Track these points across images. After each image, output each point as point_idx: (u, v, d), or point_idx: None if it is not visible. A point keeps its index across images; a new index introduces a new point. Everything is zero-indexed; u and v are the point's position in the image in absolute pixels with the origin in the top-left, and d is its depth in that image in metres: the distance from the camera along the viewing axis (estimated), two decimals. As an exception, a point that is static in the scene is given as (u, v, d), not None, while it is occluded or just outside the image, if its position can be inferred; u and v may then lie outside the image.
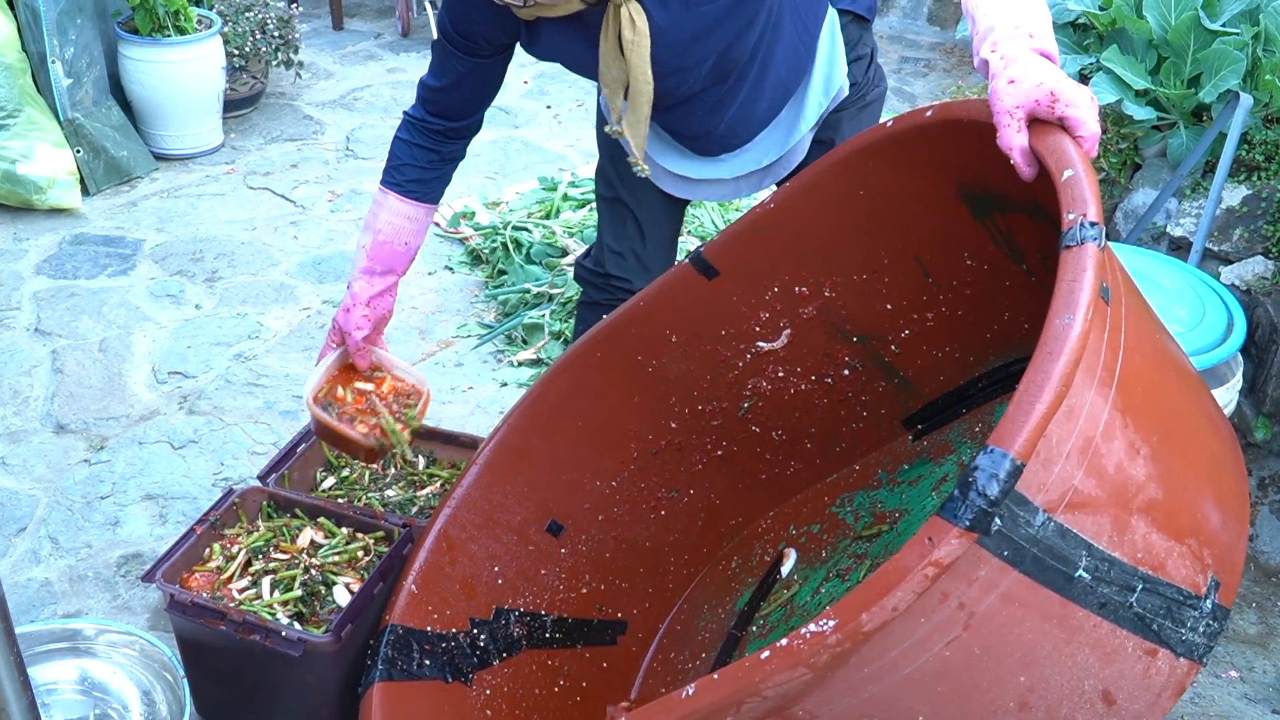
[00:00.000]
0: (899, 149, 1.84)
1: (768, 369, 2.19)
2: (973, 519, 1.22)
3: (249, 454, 3.05)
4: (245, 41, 4.68)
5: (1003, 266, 1.94)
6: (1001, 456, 1.22)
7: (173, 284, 3.80)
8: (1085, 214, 1.34)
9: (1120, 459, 1.37)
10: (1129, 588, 1.37)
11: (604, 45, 1.94)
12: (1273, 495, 2.90)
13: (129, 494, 2.92)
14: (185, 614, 2.11)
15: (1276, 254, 3.02)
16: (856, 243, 2.02)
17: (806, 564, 2.18)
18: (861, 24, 2.24)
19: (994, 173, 1.61)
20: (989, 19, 1.55)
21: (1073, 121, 1.43)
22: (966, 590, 1.29)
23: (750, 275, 2.10)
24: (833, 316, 2.11)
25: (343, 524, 2.30)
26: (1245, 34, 3.34)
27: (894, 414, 2.21)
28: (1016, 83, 1.46)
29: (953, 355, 2.12)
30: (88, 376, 3.34)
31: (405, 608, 2.03)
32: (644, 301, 2.16)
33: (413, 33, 5.90)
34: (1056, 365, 1.24)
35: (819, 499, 2.29)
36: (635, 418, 2.25)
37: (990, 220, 1.86)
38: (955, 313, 2.06)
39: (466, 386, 3.36)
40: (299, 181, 4.49)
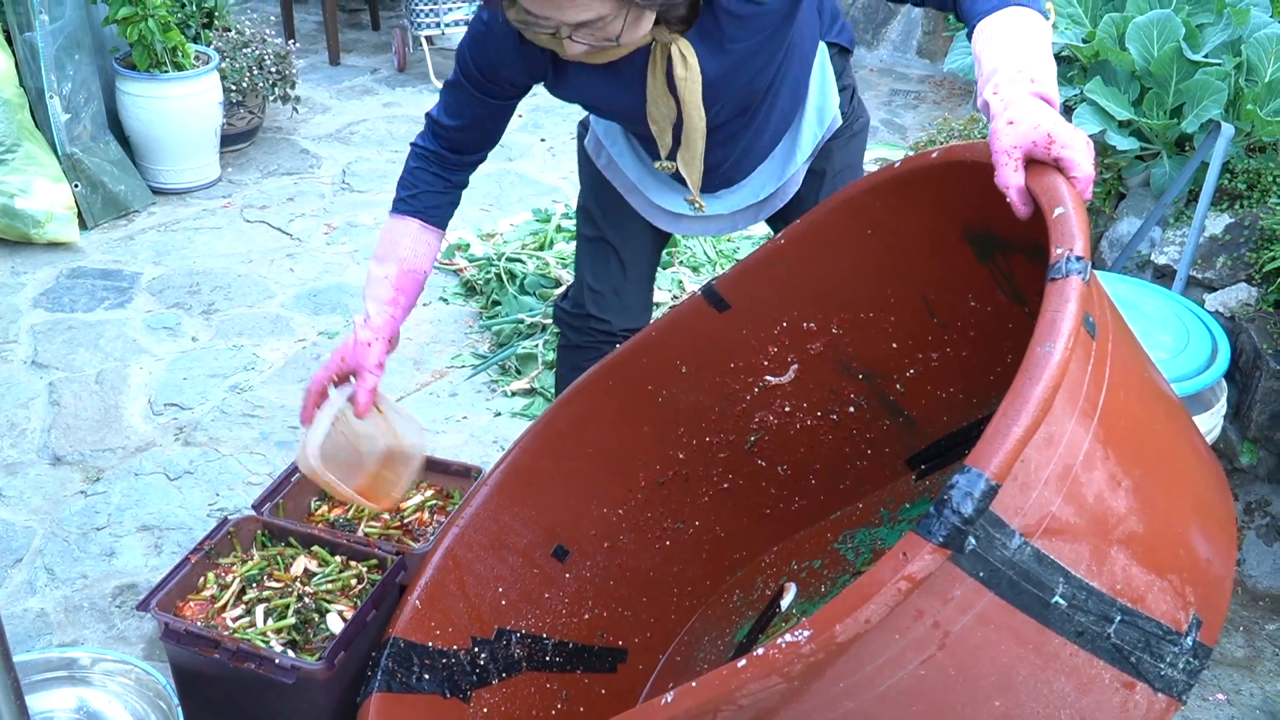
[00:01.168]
0: (906, 189, 1.88)
1: (775, 403, 2.22)
2: (946, 536, 1.24)
3: (244, 484, 3.07)
4: (242, 77, 4.73)
5: (1006, 309, 1.98)
6: (977, 476, 1.24)
7: (169, 316, 3.84)
8: (1072, 248, 1.36)
9: (1101, 489, 1.38)
10: (1107, 618, 1.38)
11: (652, 84, 1.94)
12: (1259, 520, 2.92)
13: (125, 525, 2.94)
14: (179, 643, 2.13)
15: (1259, 281, 3.05)
16: (864, 281, 2.06)
17: (806, 599, 2.20)
18: (844, 56, 2.29)
19: (996, 214, 1.64)
20: (993, 62, 1.60)
21: (1068, 163, 1.46)
22: (942, 609, 1.31)
23: (760, 310, 2.13)
24: (839, 353, 2.15)
25: (336, 552, 2.32)
26: (1227, 64, 3.39)
27: (898, 453, 2.24)
28: (1015, 124, 1.49)
29: (956, 396, 2.15)
30: (84, 408, 3.37)
31: (408, 622, 2.05)
32: (656, 332, 2.19)
33: (408, 68, 5.96)
34: (1035, 390, 1.26)
35: (822, 535, 2.31)
36: (644, 447, 2.27)
37: (994, 262, 1.91)
38: (960, 354, 2.10)
39: (461, 416, 3.39)
40: (295, 215, 4.53)
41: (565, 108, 5.52)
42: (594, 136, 2.32)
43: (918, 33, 6.25)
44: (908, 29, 6.29)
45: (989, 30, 1.65)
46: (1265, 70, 3.35)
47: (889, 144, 5.02)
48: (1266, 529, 2.90)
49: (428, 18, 5.63)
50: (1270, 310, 2.96)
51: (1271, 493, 2.92)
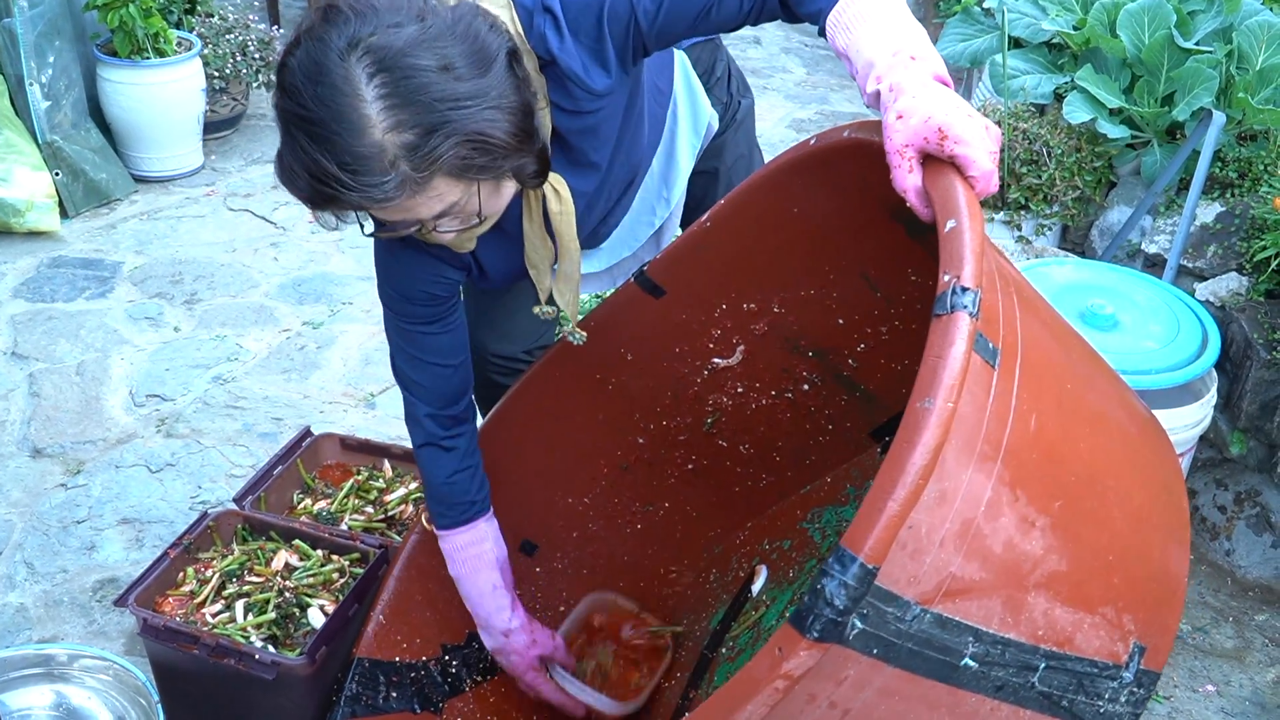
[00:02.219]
0: (824, 168, 1.76)
1: (726, 385, 2.18)
2: (821, 629, 1.15)
3: (227, 477, 3.04)
4: (226, 63, 4.68)
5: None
6: (851, 560, 1.14)
7: (151, 306, 3.80)
8: (959, 276, 1.22)
9: (1010, 536, 1.28)
10: (1029, 668, 1.31)
11: (529, 228, 1.81)
12: (1248, 510, 2.91)
13: (105, 518, 2.91)
14: (159, 638, 2.11)
15: (1250, 270, 3.03)
16: (798, 259, 1.96)
17: (776, 584, 2.18)
18: (710, 44, 2.16)
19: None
20: (866, 53, 1.44)
21: (963, 160, 1.31)
22: (836, 690, 1.23)
23: (696, 293, 2.06)
24: (785, 332, 2.08)
25: (318, 546, 2.30)
26: (1218, 52, 3.36)
27: (860, 426, 2.19)
28: (905, 118, 1.34)
29: (912, 368, 2.02)
30: (65, 400, 3.33)
31: (372, 640, 2.02)
32: (595, 321, 2.13)
33: (394, 54, 5.91)
34: (913, 457, 1.15)
35: (792, 511, 2.28)
36: (602, 435, 2.24)
37: (925, 238, 1.74)
38: (909, 326, 2.00)
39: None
40: (280, 203, 4.49)
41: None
42: None
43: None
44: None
45: (842, 22, 1.49)
46: (1256, 58, 3.33)
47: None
48: (1255, 519, 2.88)
49: (413, 4, 5.57)
50: (1261, 300, 2.94)
51: (1261, 483, 2.90)
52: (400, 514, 2.44)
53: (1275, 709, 2.49)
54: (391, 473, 2.55)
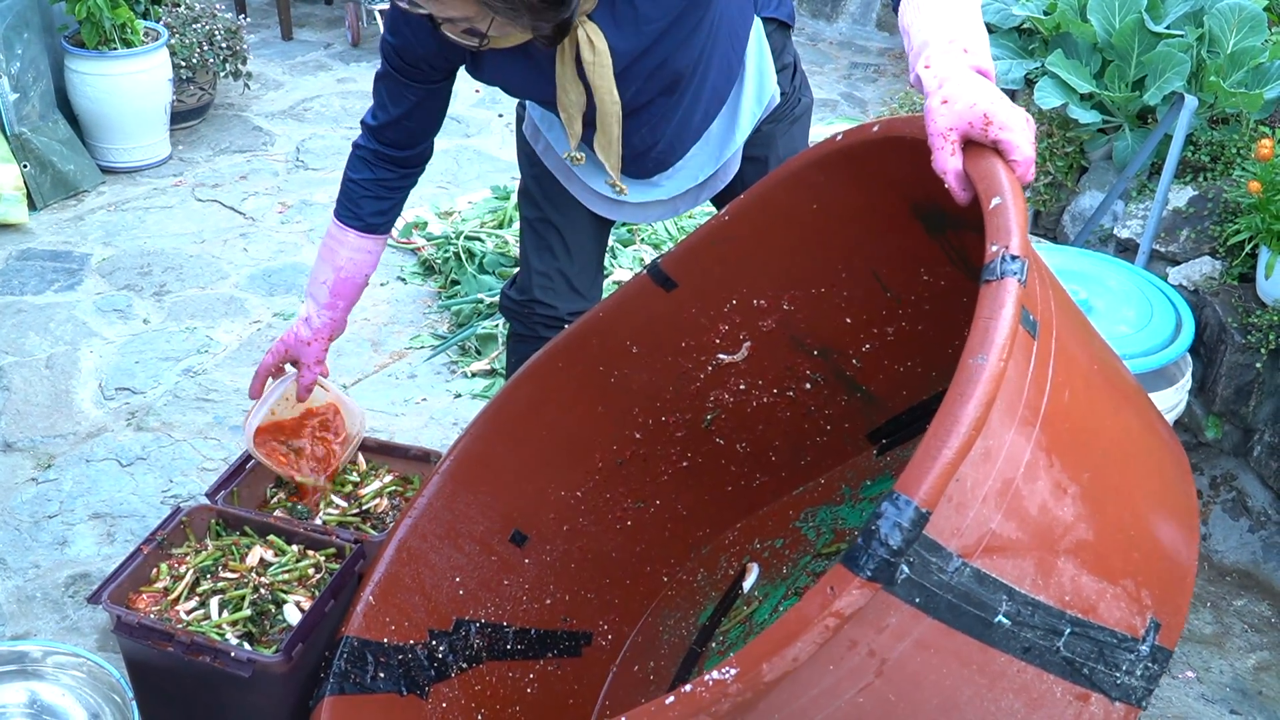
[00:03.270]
0: (849, 163, 1.80)
1: (729, 381, 2.18)
2: (875, 569, 1.19)
3: (199, 470, 3.01)
4: (192, 53, 4.64)
5: (960, 283, 1.91)
6: (906, 504, 1.18)
7: (120, 298, 3.76)
8: (1008, 246, 1.29)
9: (1044, 500, 1.33)
10: (1055, 631, 1.34)
11: (561, 70, 1.89)
12: (1224, 494, 2.92)
13: (77, 513, 2.88)
14: (132, 635, 2.08)
15: (1223, 254, 3.05)
16: (813, 256, 1.99)
17: (768, 580, 2.17)
18: (784, 31, 2.23)
19: (942, 191, 1.56)
20: (923, 34, 1.51)
21: (1006, 145, 1.38)
22: (876, 638, 1.26)
23: (708, 288, 2.07)
24: (792, 329, 2.09)
25: (293, 541, 2.27)
26: (1189, 36, 3.37)
27: (858, 428, 2.19)
28: (950, 103, 1.41)
29: (915, 370, 2.10)
30: (34, 394, 3.29)
31: (362, 619, 2.01)
32: (603, 312, 2.14)
33: (363, 42, 5.87)
34: (966, 409, 1.20)
35: (784, 512, 2.28)
36: (599, 428, 2.23)
37: (944, 237, 1.83)
38: (916, 327, 2.04)
39: (420, 398, 3.34)
40: (248, 193, 4.45)
41: (523, 83, 5.45)
42: (531, 122, 2.26)
43: (876, 4, 6.22)
44: (867, 1, 6.26)
45: (914, 2, 1.56)
46: (1227, 41, 3.33)
47: (849, 118, 4.99)
48: (1232, 504, 2.90)
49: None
50: (1234, 284, 2.95)
51: (1237, 467, 2.92)
52: (375, 508, 2.42)
53: (1255, 694, 2.50)
54: (366, 466, 2.53)
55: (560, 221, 2.31)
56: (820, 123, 4.67)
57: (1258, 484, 2.86)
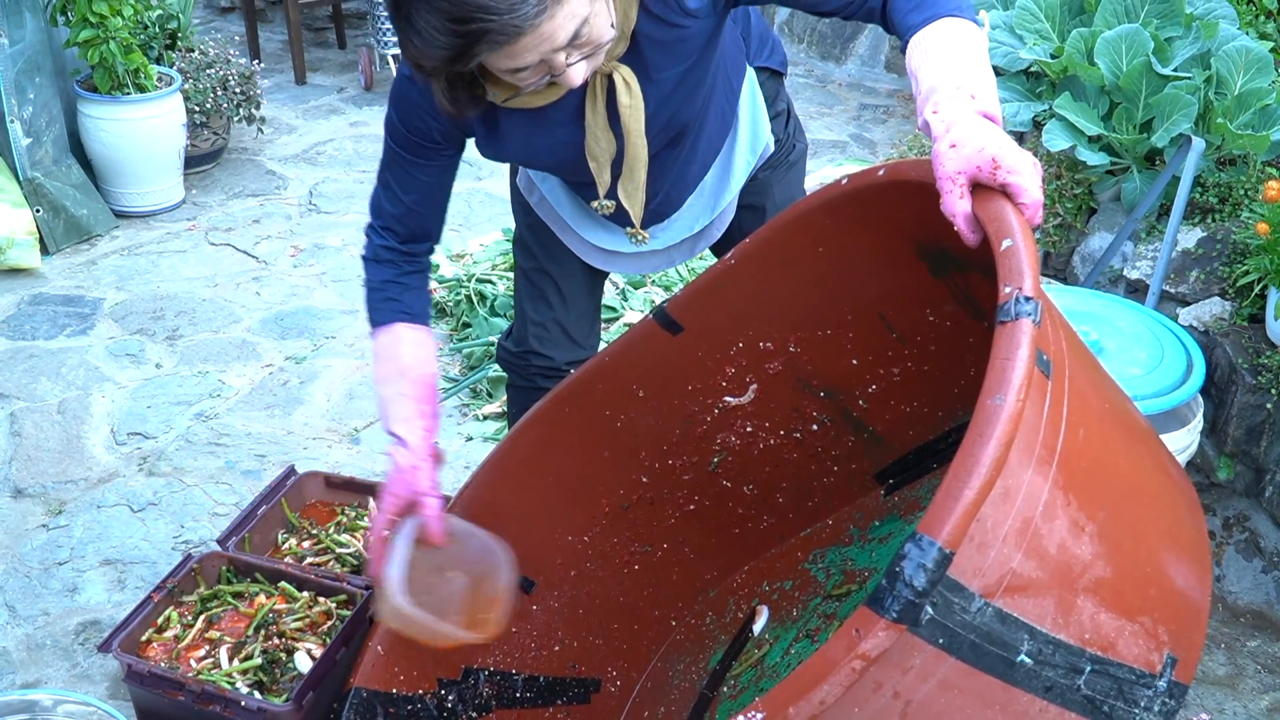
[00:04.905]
0: (855, 206, 1.82)
1: (736, 424, 2.18)
2: (900, 610, 1.19)
3: (210, 515, 3.02)
4: (206, 98, 4.68)
5: (965, 323, 1.93)
6: (929, 545, 1.19)
7: (132, 343, 3.77)
8: (1021, 287, 1.30)
9: (1063, 538, 1.33)
10: (1076, 670, 1.34)
11: (592, 117, 1.87)
12: (1237, 535, 2.91)
13: (87, 559, 2.88)
14: (143, 684, 2.08)
15: (1233, 295, 3.04)
16: (818, 299, 2.00)
17: (778, 623, 2.16)
18: (777, 79, 2.23)
19: (948, 232, 1.57)
20: (930, 79, 1.53)
21: (1015, 189, 1.39)
22: (901, 679, 1.26)
23: (714, 331, 2.08)
24: (799, 372, 2.10)
25: (304, 588, 2.28)
26: (1197, 78, 3.38)
27: (865, 469, 2.19)
28: (958, 147, 1.42)
29: (921, 410, 2.11)
30: (46, 439, 3.31)
31: (370, 670, 2.00)
32: (609, 357, 2.14)
33: (375, 86, 5.91)
34: (986, 450, 1.21)
35: (792, 554, 2.27)
36: (605, 473, 2.23)
37: (949, 278, 1.85)
38: (922, 368, 2.05)
39: (431, 441, 3.34)
40: (261, 237, 4.48)
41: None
42: (525, 174, 2.25)
43: (885, 47, 6.25)
44: (875, 43, 6.29)
45: (923, 45, 1.58)
46: (1235, 83, 3.35)
47: (858, 159, 5.01)
48: (1245, 544, 2.88)
49: (394, 36, 5.57)
50: (1245, 324, 2.95)
51: (1249, 508, 2.90)
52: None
53: (1268, 737, 2.48)
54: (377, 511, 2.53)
55: (555, 271, 2.30)
56: (830, 164, 4.69)
57: (1270, 525, 2.84)
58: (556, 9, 1.53)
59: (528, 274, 2.34)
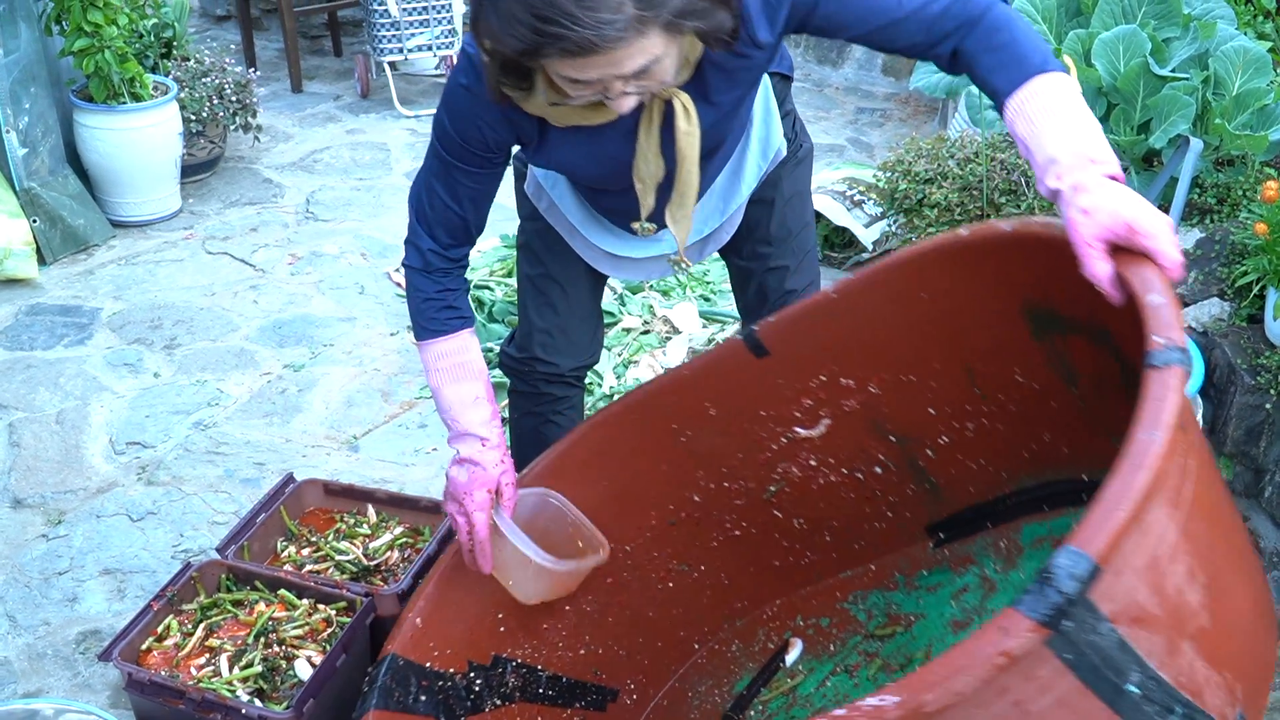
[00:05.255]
0: (970, 257, 1.87)
1: (800, 456, 2.17)
2: (1048, 614, 1.23)
3: (209, 524, 3.01)
4: (202, 106, 4.67)
5: (1053, 388, 1.96)
6: (1080, 556, 1.24)
7: (130, 352, 3.77)
8: (1172, 338, 1.38)
9: (1180, 582, 1.37)
10: (1169, 709, 1.37)
11: (644, 141, 1.86)
12: (1238, 536, 2.90)
13: (87, 569, 2.88)
14: (144, 693, 2.08)
15: (1232, 295, 3.04)
16: (910, 344, 2.03)
17: (813, 655, 2.17)
18: (785, 83, 2.24)
19: (1063, 294, 1.68)
20: (1048, 149, 1.58)
21: (1155, 251, 1.46)
22: (1024, 687, 1.28)
23: (800, 361, 2.09)
24: (874, 413, 2.10)
25: (304, 595, 2.27)
26: (1194, 79, 3.39)
27: (919, 518, 2.20)
28: (1091, 214, 1.49)
29: (986, 469, 2.12)
30: (44, 449, 3.30)
31: (408, 640, 1.98)
32: (689, 371, 2.15)
33: (372, 94, 5.91)
34: (1139, 477, 1.26)
35: (830, 593, 2.27)
36: (659, 486, 2.23)
37: (1050, 340, 1.88)
38: (996, 426, 2.07)
39: (431, 448, 3.34)
40: (259, 245, 4.47)
41: (531, 132, 5.48)
42: (533, 180, 2.23)
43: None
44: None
45: (1027, 112, 1.63)
46: (1233, 83, 3.35)
47: (856, 163, 5.01)
48: (1246, 545, 2.88)
49: (390, 43, 5.59)
50: (1243, 325, 2.95)
51: (1248, 508, 2.90)
52: (386, 561, 2.42)
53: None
54: (376, 518, 2.53)
55: (561, 277, 2.30)
56: (828, 167, 4.69)
57: (1270, 525, 2.84)
58: (635, 40, 1.52)
59: (533, 280, 2.33)
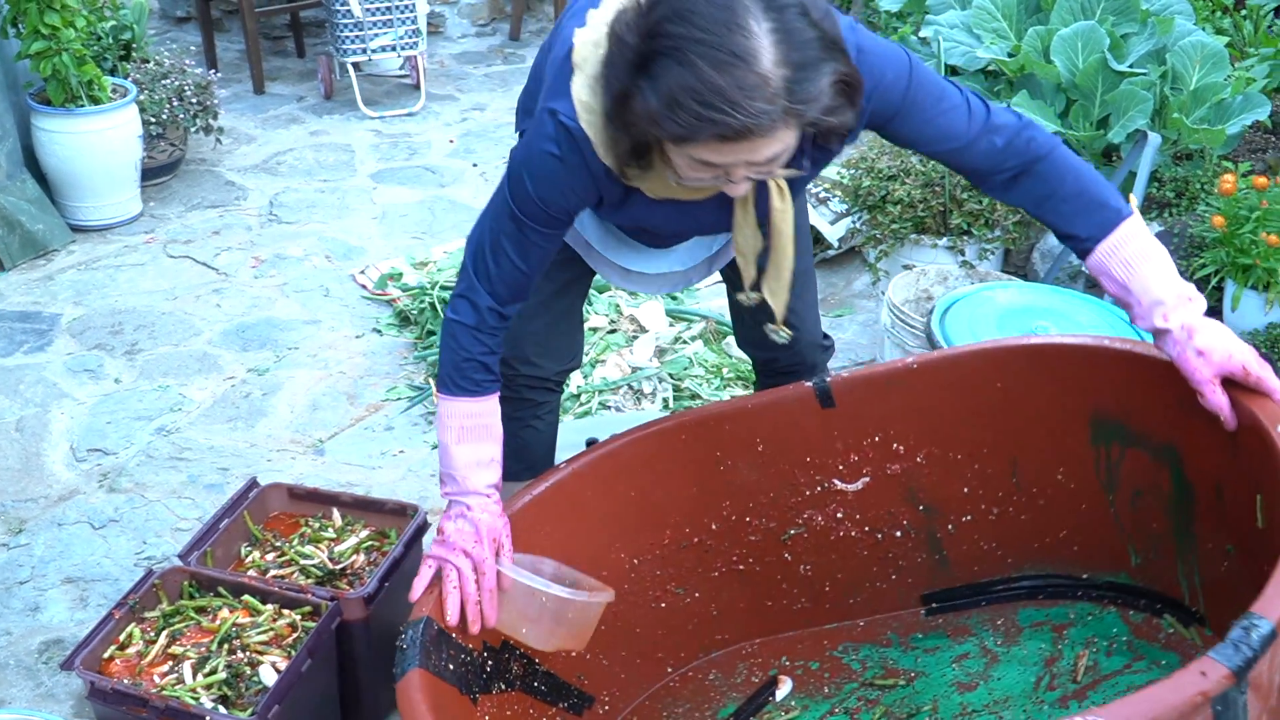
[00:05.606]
0: (1059, 359, 2.05)
1: (829, 506, 2.26)
2: (1238, 666, 1.40)
3: (172, 531, 2.99)
4: (162, 109, 4.64)
5: (1089, 492, 2.12)
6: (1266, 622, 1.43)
7: (91, 358, 3.74)
8: None
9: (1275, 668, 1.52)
10: None
11: (742, 217, 1.91)
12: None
13: (49, 578, 2.85)
14: (107, 701, 2.06)
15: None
16: (970, 425, 2.15)
17: (806, 694, 2.24)
18: None
19: (1140, 410, 1.95)
20: (1155, 293, 1.79)
21: (1267, 386, 1.73)
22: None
23: (862, 419, 2.18)
24: (913, 480, 2.22)
25: (268, 600, 2.25)
26: (1152, 74, 3.41)
27: (918, 586, 2.30)
28: (1207, 355, 1.74)
29: (995, 551, 2.25)
30: (4, 457, 3.26)
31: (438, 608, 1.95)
32: (752, 404, 2.23)
33: (336, 95, 5.88)
34: None
35: (818, 641, 2.33)
36: (683, 507, 2.27)
37: (1107, 448, 2.07)
38: (1020, 516, 2.20)
39: (397, 450, 3.33)
40: (221, 248, 4.44)
41: (497, 131, 5.48)
42: None
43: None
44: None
45: (1123, 257, 1.82)
46: (1190, 78, 3.38)
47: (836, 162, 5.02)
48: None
49: (354, 44, 5.56)
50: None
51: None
52: (352, 565, 2.40)
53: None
54: (341, 522, 2.52)
55: (549, 288, 2.29)
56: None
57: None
58: (778, 132, 1.58)
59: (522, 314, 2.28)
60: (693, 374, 3.55)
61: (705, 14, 1.53)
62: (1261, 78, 3.53)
